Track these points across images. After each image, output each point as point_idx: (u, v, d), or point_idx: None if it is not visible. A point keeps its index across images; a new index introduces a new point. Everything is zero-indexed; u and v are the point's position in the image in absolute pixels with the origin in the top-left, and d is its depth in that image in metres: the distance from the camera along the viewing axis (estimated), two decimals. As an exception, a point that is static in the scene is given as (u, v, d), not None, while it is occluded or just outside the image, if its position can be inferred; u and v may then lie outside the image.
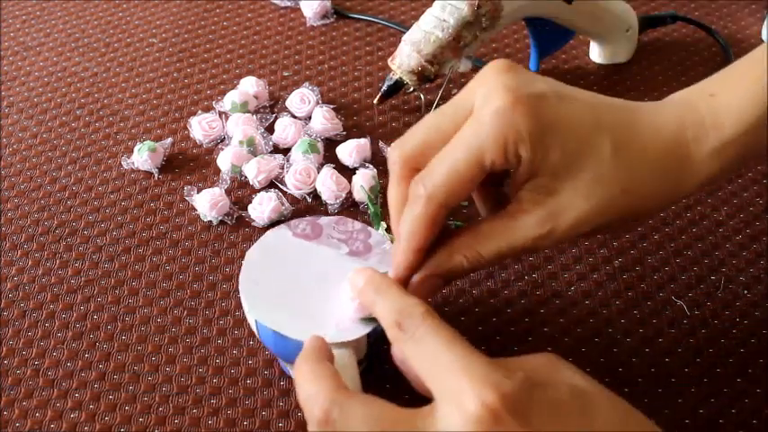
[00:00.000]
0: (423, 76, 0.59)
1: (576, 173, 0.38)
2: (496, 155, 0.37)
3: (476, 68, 0.66)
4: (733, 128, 0.39)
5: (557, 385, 0.34)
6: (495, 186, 0.43)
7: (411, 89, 0.61)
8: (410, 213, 0.39)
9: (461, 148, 0.37)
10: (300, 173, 0.57)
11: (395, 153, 0.41)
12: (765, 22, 0.71)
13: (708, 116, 0.40)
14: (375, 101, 0.63)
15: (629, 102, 0.41)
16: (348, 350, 0.41)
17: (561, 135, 0.37)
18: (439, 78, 0.60)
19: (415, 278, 0.40)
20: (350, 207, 0.57)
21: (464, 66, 0.60)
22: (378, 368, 0.46)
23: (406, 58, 0.59)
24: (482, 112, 0.37)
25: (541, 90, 0.38)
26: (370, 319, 0.42)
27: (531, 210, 0.38)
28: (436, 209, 0.38)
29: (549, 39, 0.65)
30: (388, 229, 0.54)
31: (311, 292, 0.43)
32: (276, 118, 0.63)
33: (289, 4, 0.74)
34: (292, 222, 0.47)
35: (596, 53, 0.68)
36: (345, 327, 0.42)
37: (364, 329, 0.42)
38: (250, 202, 0.56)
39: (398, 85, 0.61)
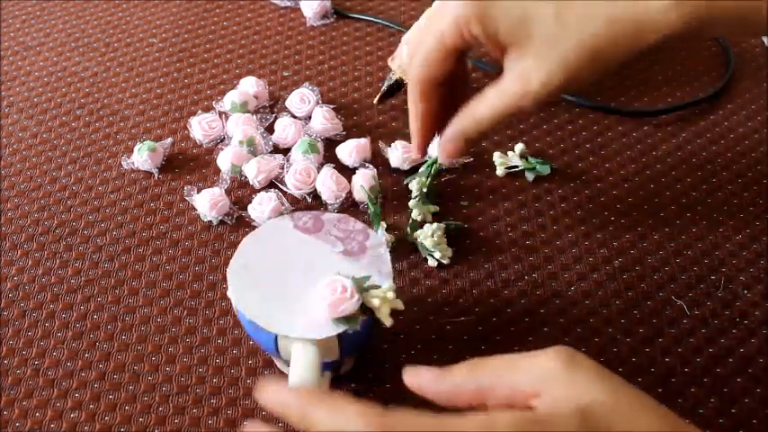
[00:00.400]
0: None
1: (528, 39, 0.42)
2: (453, 35, 0.44)
3: (474, 68, 0.67)
4: None
5: (562, 417, 0.33)
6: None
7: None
8: (409, 95, 0.48)
9: (428, 36, 0.45)
10: (300, 173, 0.57)
11: (414, 72, 0.47)
12: None
13: None
14: (375, 101, 0.63)
15: None
16: (311, 347, 0.41)
17: (503, 9, 0.42)
18: None
19: (441, 141, 0.48)
20: (350, 207, 0.57)
21: None
22: (363, 370, 0.46)
23: (405, 58, 0.59)
24: (440, 8, 0.45)
25: None
26: (344, 320, 0.42)
27: (506, 75, 0.44)
28: (420, 84, 0.47)
29: None
30: (388, 229, 0.54)
31: (294, 285, 0.44)
32: (276, 118, 0.63)
33: (289, 4, 0.74)
34: (296, 214, 0.48)
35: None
36: (317, 324, 0.42)
37: (335, 330, 0.42)
38: (250, 201, 0.56)
39: (398, 85, 0.62)
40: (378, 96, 0.63)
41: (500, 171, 0.59)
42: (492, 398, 0.35)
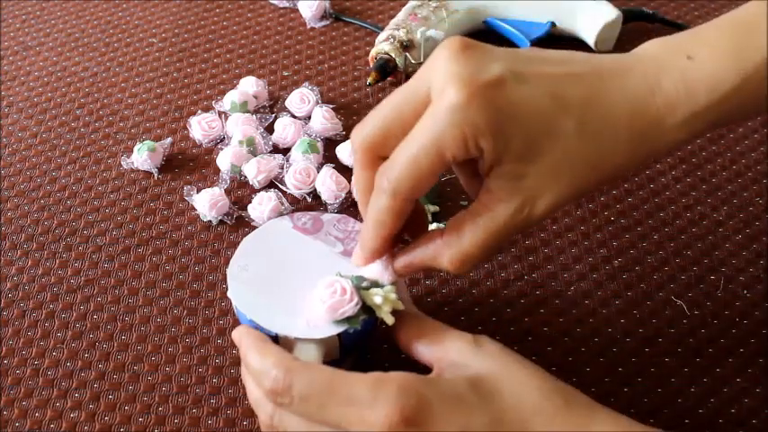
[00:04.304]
0: (399, 43, 0.64)
1: (542, 155, 0.37)
2: (457, 150, 0.36)
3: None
4: (707, 97, 0.38)
5: (453, 381, 0.37)
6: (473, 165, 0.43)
7: (397, 64, 0.64)
8: (377, 204, 0.39)
9: (421, 142, 0.37)
10: (300, 173, 0.57)
11: (356, 140, 0.40)
12: None
13: (682, 83, 0.39)
14: (369, 80, 0.64)
15: (600, 63, 0.40)
16: (313, 346, 0.41)
17: (521, 121, 0.37)
18: (414, 48, 0.64)
19: (396, 264, 0.42)
20: (350, 207, 0.57)
21: (436, 34, 0.64)
22: (363, 370, 0.46)
23: (380, 43, 0.65)
24: (438, 106, 0.36)
25: (498, 74, 0.36)
26: (345, 320, 0.42)
27: (504, 198, 0.38)
28: (401, 203, 0.39)
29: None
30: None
31: (294, 286, 0.44)
32: (276, 118, 0.63)
33: (287, 4, 0.74)
34: (296, 215, 0.48)
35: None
36: (317, 324, 0.42)
37: (335, 330, 0.42)
38: (250, 201, 0.56)
39: (388, 65, 0.64)
40: (371, 75, 0.64)
41: None
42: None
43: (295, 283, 0.44)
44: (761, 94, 0.39)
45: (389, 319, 0.42)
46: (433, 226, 0.54)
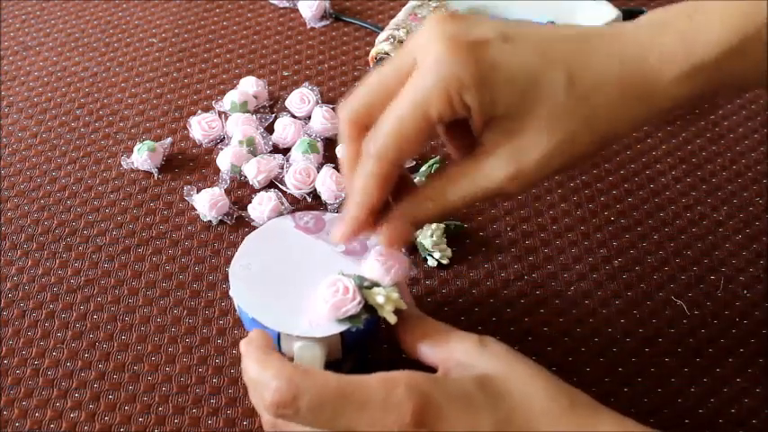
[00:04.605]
0: (399, 43, 0.64)
1: (532, 110, 0.37)
2: (442, 106, 0.36)
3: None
4: (705, 52, 0.38)
5: (461, 380, 0.37)
6: (465, 131, 0.42)
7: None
8: (362, 171, 0.39)
9: (406, 103, 0.37)
10: (300, 173, 0.57)
11: (342, 113, 0.40)
12: None
13: (679, 39, 0.38)
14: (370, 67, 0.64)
15: (587, 28, 0.40)
16: (316, 345, 0.41)
17: (508, 76, 0.36)
18: None
19: (385, 225, 0.40)
20: (350, 207, 0.57)
21: None
22: (363, 370, 0.46)
23: (380, 43, 0.64)
24: (423, 64, 0.36)
25: (483, 34, 0.37)
26: (347, 319, 0.42)
27: (494, 151, 0.38)
28: (387, 167, 0.38)
29: None
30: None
31: (297, 285, 0.44)
32: (276, 118, 0.63)
33: (287, 4, 0.74)
34: (297, 214, 0.48)
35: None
36: (319, 323, 0.42)
37: (337, 329, 0.42)
38: (250, 201, 0.56)
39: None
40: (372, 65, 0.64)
41: None
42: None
43: (297, 282, 0.44)
44: (762, 59, 0.39)
45: (392, 319, 0.42)
46: (432, 226, 0.54)
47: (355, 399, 0.35)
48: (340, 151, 0.60)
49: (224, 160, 0.59)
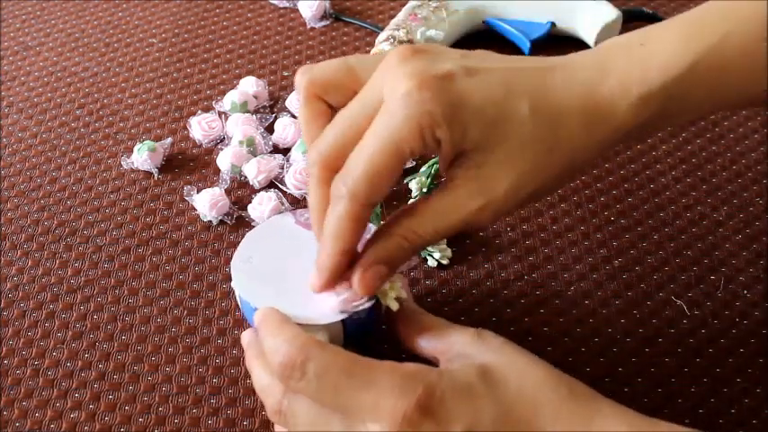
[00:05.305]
0: (399, 44, 0.64)
1: (499, 141, 0.37)
2: (414, 142, 0.36)
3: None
4: (660, 76, 0.39)
5: (463, 371, 0.37)
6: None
7: None
8: (333, 214, 0.38)
9: (377, 141, 0.36)
10: (300, 173, 0.57)
11: (311, 156, 0.39)
12: None
13: (633, 66, 0.40)
14: None
15: (544, 60, 0.41)
16: (316, 332, 0.41)
17: (475, 108, 0.37)
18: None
19: (359, 270, 0.40)
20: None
21: (436, 35, 0.65)
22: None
23: (380, 43, 0.65)
24: (390, 102, 0.36)
25: (447, 69, 0.37)
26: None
27: (463, 185, 0.38)
28: (359, 207, 0.38)
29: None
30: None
31: (298, 278, 0.44)
32: (276, 118, 0.63)
33: (287, 4, 0.74)
34: (298, 211, 0.48)
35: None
36: (321, 310, 0.42)
37: (339, 316, 0.42)
38: (250, 202, 0.56)
39: None
40: None
41: None
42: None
43: (298, 275, 0.44)
44: (715, 80, 0.40)
45: (394, 306, 0.42)
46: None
47: (364, 376, 0.36)
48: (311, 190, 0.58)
49: (224, 160, 0.59)
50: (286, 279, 0.44)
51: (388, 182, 0.37)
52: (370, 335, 0.48)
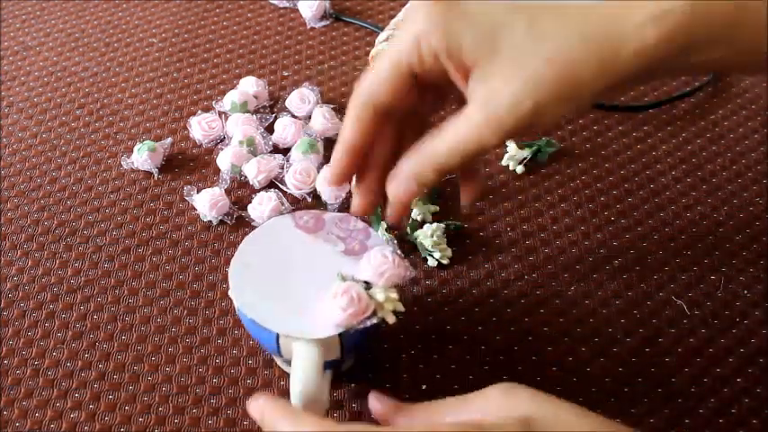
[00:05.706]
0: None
1: (496, 55, 0.38)
2: (410, 54, 0.39)
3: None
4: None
5: (506, 421, 0.36)
6: None
7: None
8: (345, 118, 0.42)
9: (385, 56, 0.40)
10: (300, 173, 0.57)
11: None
12: None
13: None
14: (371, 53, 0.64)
15: None
16: (313, 345, 0.41)
17: (470, 21, 0.38)
18: None
19: (392, 180, 0.41)
20: (349, 207, 0.57)
21: None
22: (363, 370, 0.46)
23: (380, 43, 0.64)
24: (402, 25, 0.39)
25: None
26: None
27: (471, 98, 0.38)
28: (363, 110, 0.41)
29: None
30: (389, 229, 0.54)
31: (297, 285, 0.44)
32: (276, 118, 0.63)
33: (287, 4, 0.74)
34: (297, 213, 0.48)
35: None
36: (318, 323, 0.42)
37: (336, 329, 0.42)
38: (250, 201, 0.56)
39: None
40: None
41: (518, 168, 0.59)
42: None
43: (297, 282, 0.44)
44: (732, 19, 0.38)
45: (391, 318, 0.42)
46: (433, 226, 0.54)
47: None
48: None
49: (224, 160, 0.59)
50: (283, 287, 0.44)
51: (390, 88, 0.40)
52: (368, 345, 0.48)
